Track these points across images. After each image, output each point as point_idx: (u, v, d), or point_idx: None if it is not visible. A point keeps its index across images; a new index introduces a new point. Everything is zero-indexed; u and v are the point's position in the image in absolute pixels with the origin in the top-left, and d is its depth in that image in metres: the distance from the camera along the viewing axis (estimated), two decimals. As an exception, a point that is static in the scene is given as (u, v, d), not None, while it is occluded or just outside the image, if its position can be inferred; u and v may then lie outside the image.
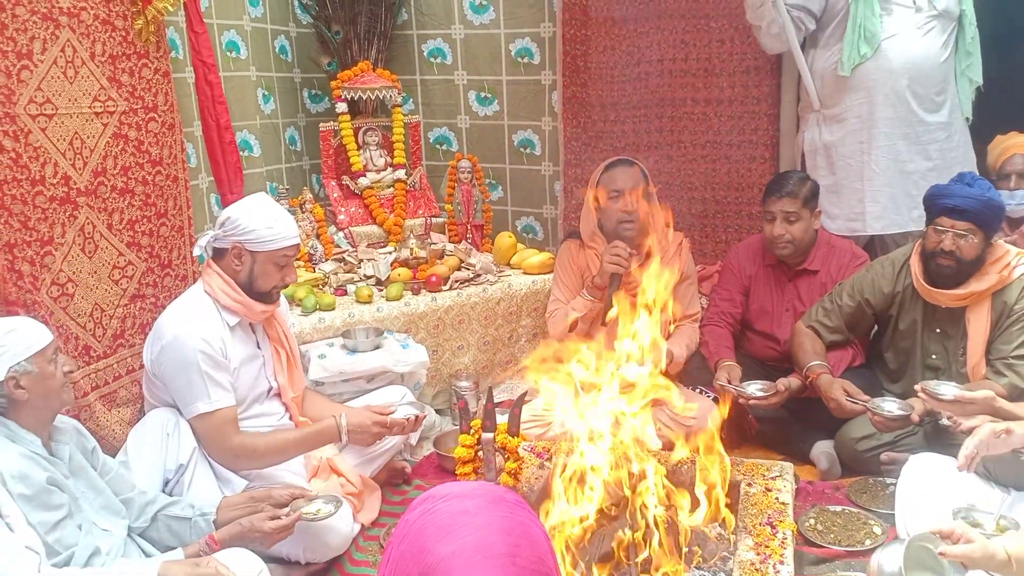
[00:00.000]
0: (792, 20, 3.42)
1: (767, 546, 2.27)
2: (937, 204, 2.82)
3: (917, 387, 2.61)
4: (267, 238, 2.57)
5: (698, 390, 3.37)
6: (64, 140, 2.69)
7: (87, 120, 2.77)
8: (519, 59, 4.45)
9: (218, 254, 2.63)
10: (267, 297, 2.67)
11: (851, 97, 3.48)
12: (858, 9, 3.34)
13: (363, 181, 4.18)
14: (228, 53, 3.87)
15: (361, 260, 3.94)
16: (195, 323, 2.53)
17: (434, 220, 4.30)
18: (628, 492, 2.22)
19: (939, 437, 2.83)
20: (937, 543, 1.87)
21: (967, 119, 3.57)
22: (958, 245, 2.77)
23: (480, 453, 2.65)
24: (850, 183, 3.56)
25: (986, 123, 3.66)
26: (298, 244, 2.71)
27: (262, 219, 2.57)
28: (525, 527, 1.00)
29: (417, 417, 2.83)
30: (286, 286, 2.76)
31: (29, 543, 1.83)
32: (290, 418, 2.82)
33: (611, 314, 2.55)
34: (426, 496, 1.05)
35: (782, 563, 2.20)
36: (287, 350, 2.82)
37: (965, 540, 1.85)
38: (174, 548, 2.05)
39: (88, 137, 2.78)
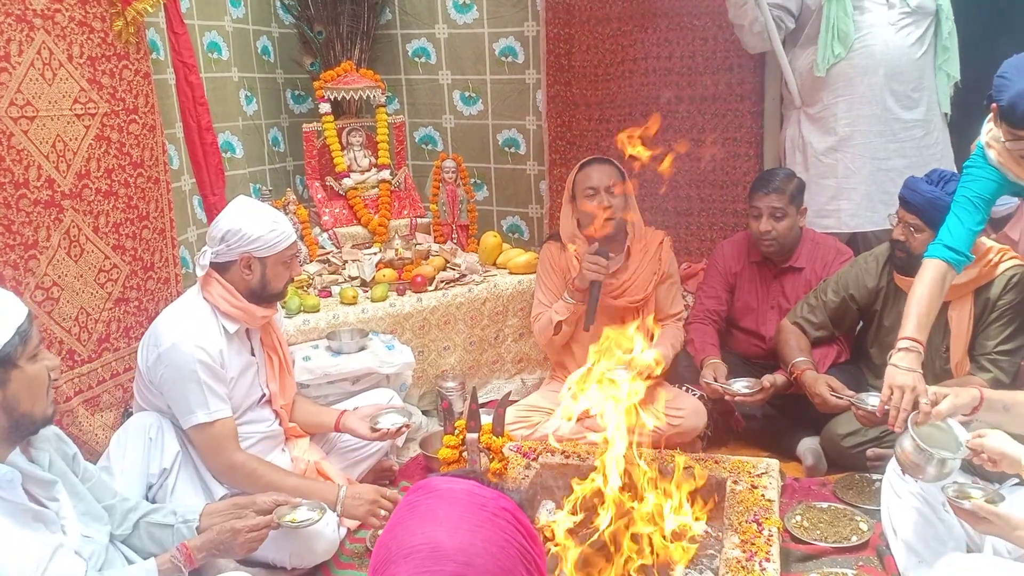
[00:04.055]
0: (772, 19, 3.42)
1: (753, 543, 2.27)
2: (900, 194, 2.89)
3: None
4: (272, 241, 2.56)
5: (684, 388, 3.38)
6: (47, 142, 2.67)
7: (69, 122, 2.75)
8: (503, 58, 4.44)
9: (221, 267, 2.58)
10: (278, 296, 2.68)
11: (829, 95, 3.49)
12: (831, 9, 3.34)
13: (347, 182, 4.17)
14: (209, 54, 3.85)
15: (346, 261, 3.93)
16: (193, 331, 2.49)
17: (419, 220, 4.29)
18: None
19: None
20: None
21: (945, 114, 3.58)
22: (907, 237, 2.83)
23: (464, 454, 2.65)
24: (822, 180, 3.57)
25: (970, 119, 3.66)
26: (296, 238, 2.73)
27: (263, 224, 2.54)
28: (496, 538, 1.00)
29: (403, 427, 2.84)
30: (293, 280, 2.76)
31: (78, 547, 1.82)
32: (279, 424, 2.80)
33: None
34: (419, 486, 1.07)
35: (768, 560, 2.20)
36: (280, 356, 2.80)
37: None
38: (156, 555, 2.03)
39: (71, 139, 2.76)
